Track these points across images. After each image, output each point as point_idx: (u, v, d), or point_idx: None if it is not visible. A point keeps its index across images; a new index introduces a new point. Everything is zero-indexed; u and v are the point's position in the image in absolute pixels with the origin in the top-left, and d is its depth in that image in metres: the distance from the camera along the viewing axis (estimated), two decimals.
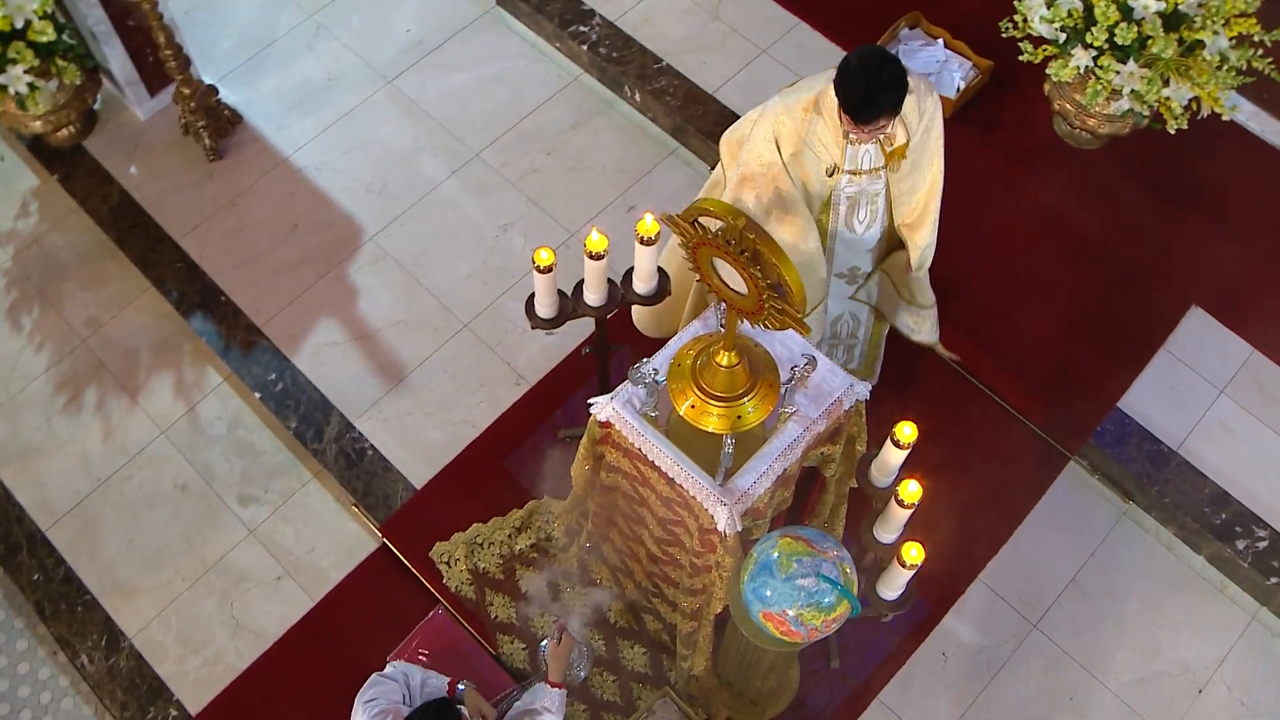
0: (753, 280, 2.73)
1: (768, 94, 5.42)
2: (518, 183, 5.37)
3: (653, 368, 3.42)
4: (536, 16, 5.67)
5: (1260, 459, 4.80)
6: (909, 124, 3.69)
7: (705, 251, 2.83)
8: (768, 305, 2.77)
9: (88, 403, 4.91)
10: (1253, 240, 5.23)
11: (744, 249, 2.67)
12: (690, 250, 2.88)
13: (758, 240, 2.64)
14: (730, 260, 2.74)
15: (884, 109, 3.39)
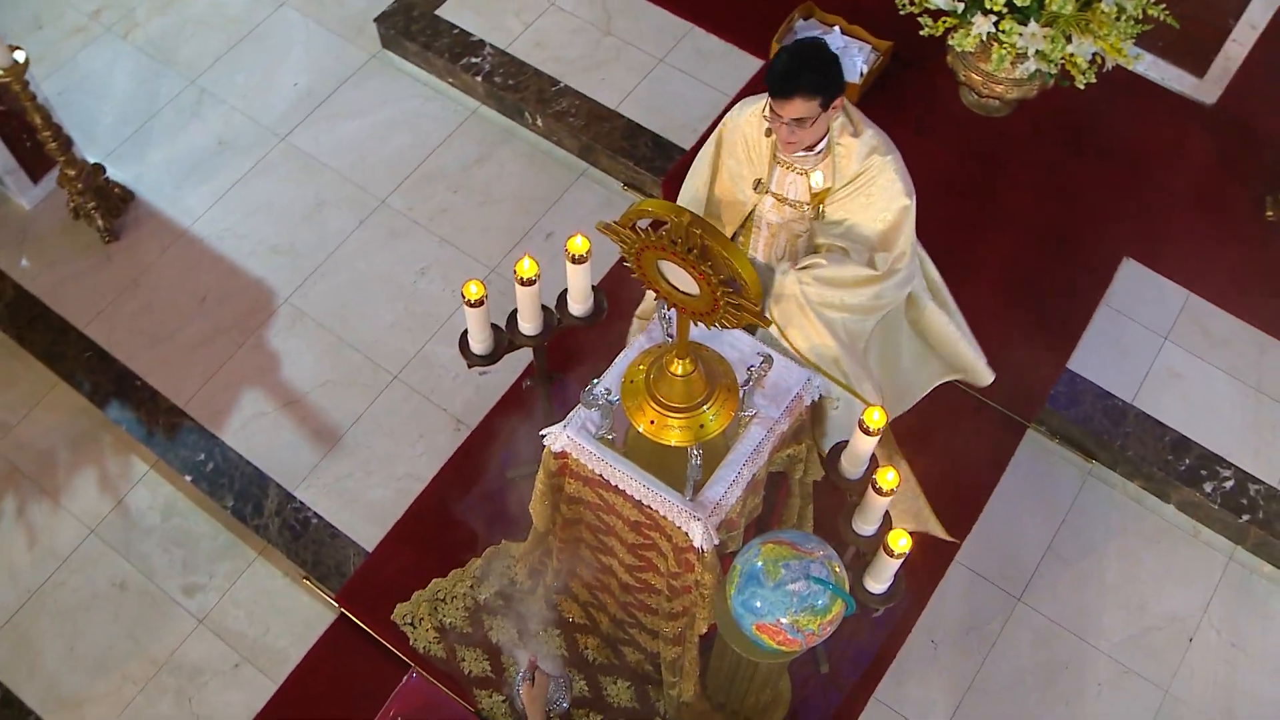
0: (704, 278, 2.59)
1: (671, 103, 5.42)
2: (429, 225, 5.20)
3: (604, 388, 3.28)
4: (425, 54, 5.52)
5: (1213, 400, 4.79)
6: (838, 168, 3.43)
7: (650, 256, 2.68)
8: (723, 302, 2.63)
9: (6, 511, 4.63)
10: (1171, 185, 5.24)
11: (691, 246, 2.54)
12: (633, 257, 2.73)
13: (705, 235, 2.50)
14: (678, 260, 2.60)
15: (800, 85, 3.17)
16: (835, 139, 3.40)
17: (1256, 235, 5.14)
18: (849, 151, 3.40)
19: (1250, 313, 4.96)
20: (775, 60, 3.21)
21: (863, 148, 3.39)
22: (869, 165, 3.40)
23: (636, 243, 2.66)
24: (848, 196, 3.44)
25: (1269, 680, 4.37)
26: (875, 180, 3.41)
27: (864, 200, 3.44)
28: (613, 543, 3.73)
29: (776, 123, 3.30)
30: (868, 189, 3.42)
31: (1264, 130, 5.39)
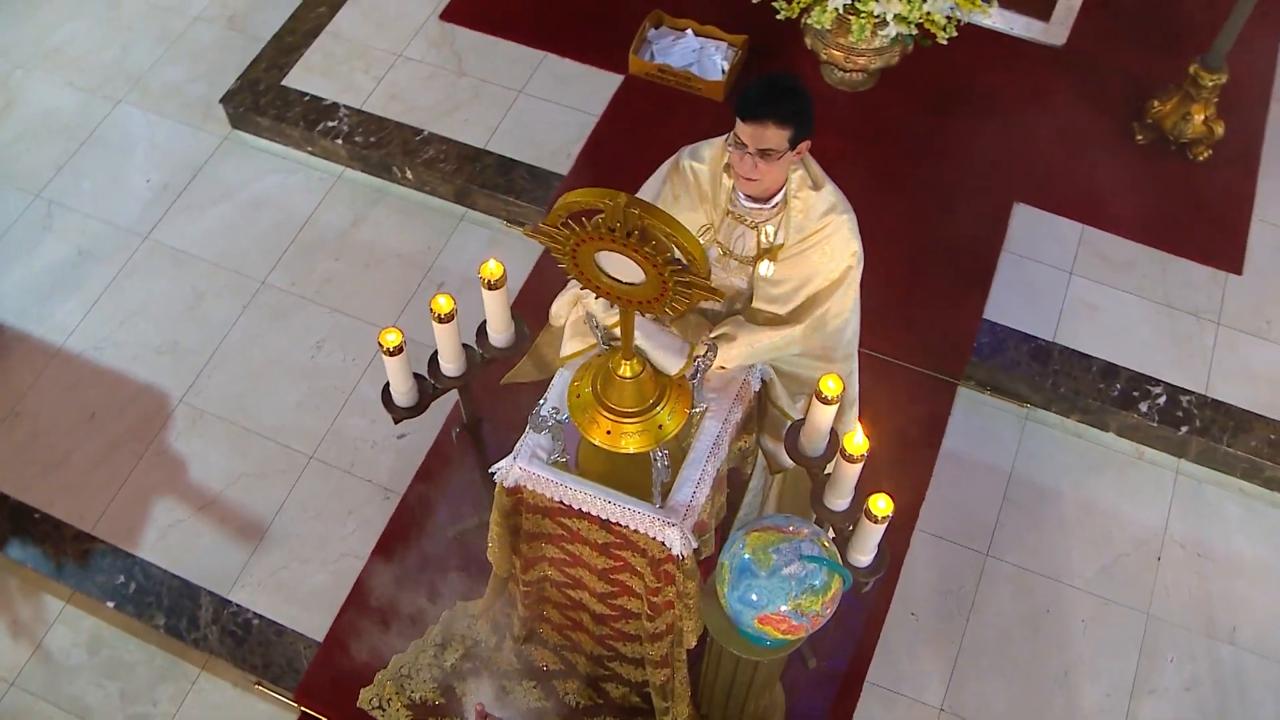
0: (648, 261, 2.45)
1: (539, 132, 5.32)
2: (316, 297, 4.99)
3: (551, 407, 3.13)
4: (278, 126, 5.32)
5: (1128, 322, 4.84)
6: (794, 223, 3.19)
7: (587, 250, 2.54)
8: (671, 283, 2.49)
9: None
10: (1043, 127, 5.33)
11: (631, 229, 2.40)
12: (568, 256, 2.59)
13: (644, 214, 2.37)
14: (619, 248, 2.46)
15: (775, 110, 2.94)
16: (793, 193, 3.17)
17: (1133, 160, 5.24)
18: (807, 206, 3.18)
19: (1143, 233, 5.04)
20: (749, 86, 2.98)
21: (822, 203, 3.18)
22: (826, 223, 3.19)
23: (571, 239, 2.51)
24: (800, 254, 3.21)
25: (1240, 582, 4.39)
26: (830, 239, 3.20)
27: (815, 258, 3.22)
28: (580, 573, 3.55)
29: (741, 154, 3.03)
30: (821, 247, 3.21)
31: (1114, 61, 5.53)
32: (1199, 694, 4.17)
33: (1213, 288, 4.93)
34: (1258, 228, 5.08)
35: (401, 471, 4.57)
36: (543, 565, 3.63)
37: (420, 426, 4.67)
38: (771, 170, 3.06)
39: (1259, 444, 4.53)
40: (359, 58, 5.53)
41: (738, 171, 3.09)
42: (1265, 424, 4.57)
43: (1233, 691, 4.18)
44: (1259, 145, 5.30)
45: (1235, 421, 4.58)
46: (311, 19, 5.63)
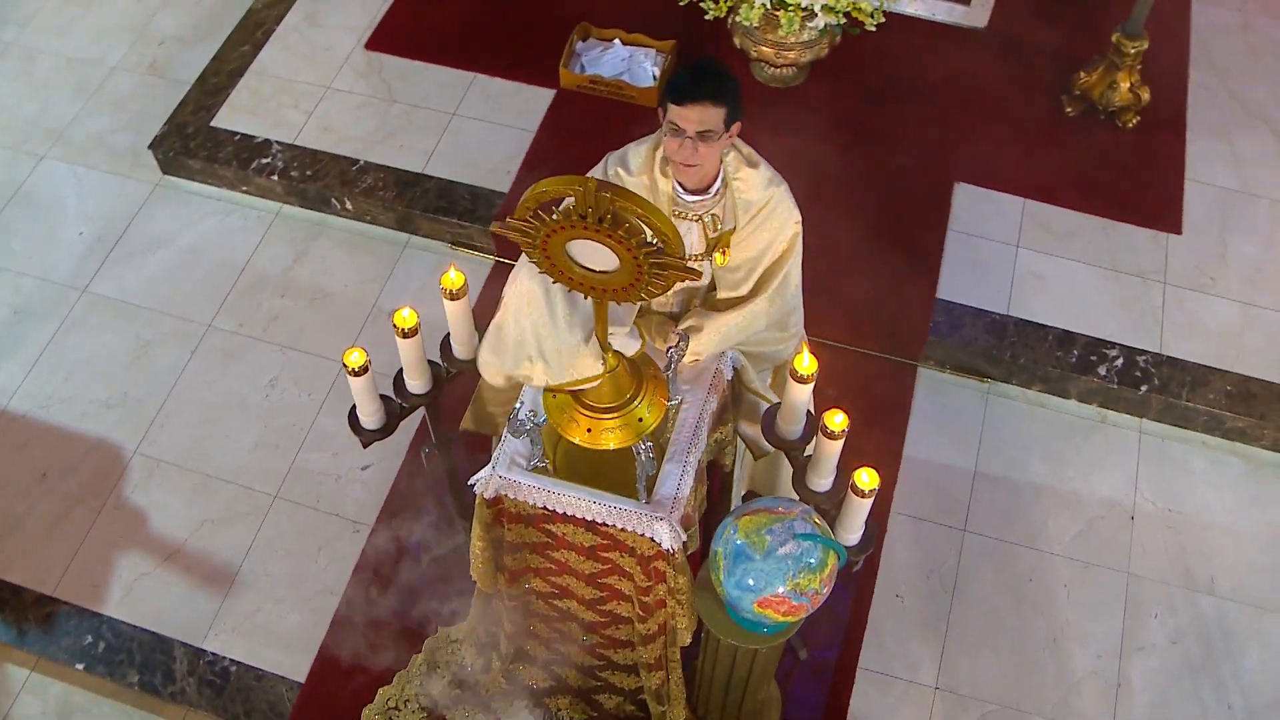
0: (622, 246, 2.42)
1: (476, 152, 5.28)
2: (264, 336, 4.89)
3: (529, 411, 3.08)
4: (211, 168, 5.23)
5: (1077, 288, 4.90)
6: (739, 204, 3.20)
7: (557, 242, 2.50)
8: (646, 266, 2.46)
9: None
10: (975, 108, 5.40)
11: (603, 215, 2.37)
12: (539, 248, 2.54)
13: (615, 198, 2.34)
14: (592, 235, 2.42)
15: (708, 89, 2.93)
16: (732, 174, 3.19)
17: (1064, 132, 5.32)
18: (750, 184, 3.19)
19: (1083, 202, 5.12)
20: (677, 74, 2.98)
21: (761, 179, 3.20)
22: (769, 196, 3.21)
23: (542, 231, 2.47)
24: (753, 233, 3.23)
25: (1212, 533, 4.44)
26: (775, 211, 3.23)
27: (765, 234, 3.24)
28: (567, 581, 3.50)
29: (679, 141, 3.00)
30: (769, 221, 3.23)
31: (1036, 39, 5.63)
32: (1185, 646, 4.20)
33: (1155, 249, 5.01)
34: (1191, 188, 5.18)
35: (369, 503, 4.48)
36: (528, 577, 3.57)
37: (383, 456, 4.61)
38: (710, 153, 3.06)
39: (1217, 396, 4.59)
40: (287, 93, 5.46)
41: (677, 160, 3.06)
42: (1221, 376, 4.64)
43: (1218, 640, 4.21)
44: (1184, 108, 5.41)
45: (1192, 376, 4.64)
46: (235, 58, 5.55)
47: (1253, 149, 5.33)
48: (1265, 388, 4.61)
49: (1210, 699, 4.09)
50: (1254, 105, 5.49)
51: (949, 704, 4.10)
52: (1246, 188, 5.20)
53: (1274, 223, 5.10)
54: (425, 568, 4.30)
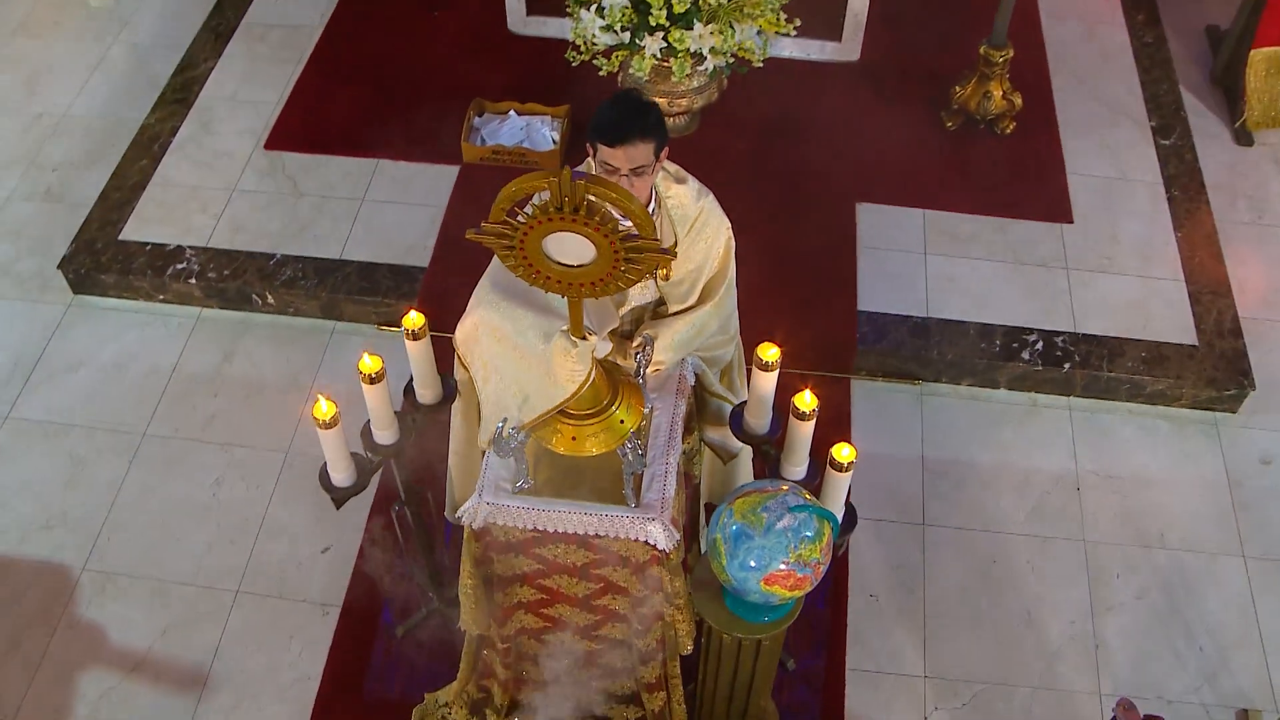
0: (599, 233, 2.50)
1: (391, 232, 5.36)
2: (202, 437, 4.82)
3: (511, 428, 3.11)
4: (125, 281, 5.18)
5: (988, 283, 5.14)
6: (675, 219, 3.34)
7: (535, 239, 2.57)
8: (622, 254, 2.55)
9: None
10: (860, 133, 5.66)
11: (578, 204, 2.46)
12: (517, 250, 2.61)
13: (588, 186, 2.44)
14: (569, 226, 2.51)
15: (638, 127, 3.04)
16: (664, 193, 3.32)
17: (949, 145, 5.62)
18: (681, 199, 3.33)
19: (978, 206, 5.39)
20: (602, 114, 3.07)
21: (691, 192, 3.35)
22: (701, 208, 3.36)
23: (520, 231, 2.55)
24: (690, 245, 3.36)
25: (1153, 491, 4.65)
26: (709, 222, 3.38)
27: (701, 244, 3.38)
28: (560, 611, 3.50)
29: (615, 179, 3.09)
30: (704, 231, 3.37)
31: (907, 64, 5.97)
32: (1150, 599, 4.35)
33: (1052, 239, 5.29)
34: (1074, 180, 5.51)
35: (334, 584, 4.41)
36: (519, 615, 3.56)
37: (342, 535, 4.57)
38: (645, 185, 3.19)
39: (1134, 364, 4.83)
40: (193, 199, 5.46)
41: None
42: (1134, 345, 4.89)
43: (1178, 589, 4.38)
44: (1053, 110, 5.78)
45: (1108, 349, 4.88)
46: (134, 173, 5.54)
47: (1121, 140, 5.71)
48: (1176, 349, 4.87)
49: (1182, 644, 4.24)
50: (1114, 102, 5.88)
51: (940, 689, 4.17)
52: (1123, 175, 5.55)
53: (1153, 202, 5.44)
54: (402, 637, 4.25)
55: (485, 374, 3.23)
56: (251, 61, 6.11)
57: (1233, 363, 4.82)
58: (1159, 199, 5.44)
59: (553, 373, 3.00)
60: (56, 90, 6.17)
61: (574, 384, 2.99)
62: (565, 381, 3.00)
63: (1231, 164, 5.69)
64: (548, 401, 3.04)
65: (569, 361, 2.96)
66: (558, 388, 3.02)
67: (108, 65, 6.27)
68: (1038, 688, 4.16)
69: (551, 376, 3.01)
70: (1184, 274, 5.13)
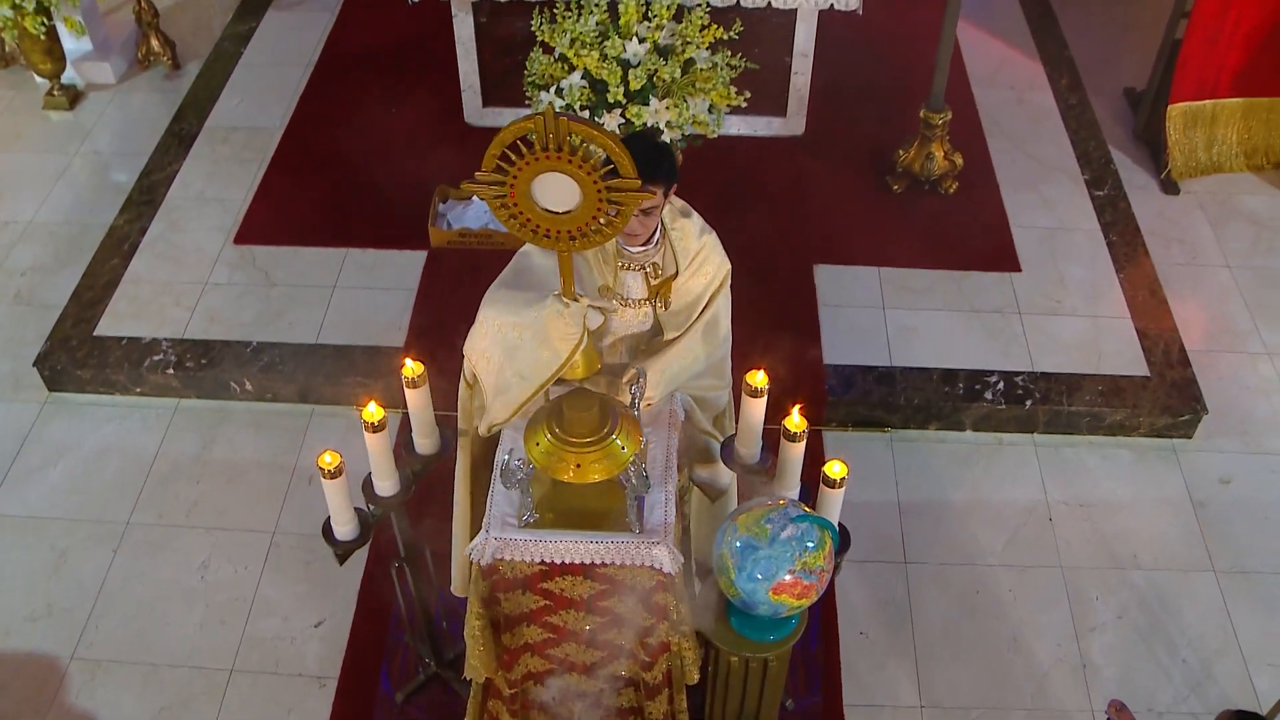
0: (582, 170, 2.75)
1: (364, 315, 5.48)
2: (188, 522, 4.83)
3: (517, 460, 3.20)
4: (102, 375, 5.22)
5: (946, 332, 5.36)
6: (678, 250, 3.49)
7: (524, 180, 2.81)
8: (604, 194, 2.80)
9: None
10: (811, 200, 5.92)
11: (561, 141, 2.71)
12: (509, 197, 2.86)
13: (572, 125, 2.68)
14: (556, 164, 2.76)
15: (652, 176, 3.14)
16: (670, 224, 3.48)
17: (897, 207, 5.89)
18: (686, 233, 3.49)
19: (930, 260, 5.63)
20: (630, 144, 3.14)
21: (695, 226, 3.52)
22: (703, 244, 3.53)
23: (512, 172, 2.78)
24: (691, 277, 3.53)
25: (1121, 516, 4.83)
26: (710, 258, 3.55)
27: (700, 278, 3.54)
28: (569, 649, 3.55)
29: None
30: (704, 266, 3.54)
31: (851, 133, 6.27)
32: (1131, 618, 4.48)
33: (1003, 287, 5.53)
34: (1018, 232, 5.78)
35: (329, 657, 4.41)
36: (526, 659, 3.60)
37: (335, 609, 4.58)
38: (652, 221, 3.39)
39: (1092, 397, 5.04)
40: (166, 294, 5.54)
41: (626, 233, 3.35)
42: (1090, 379, 5.10)
43: (1156, 606, 4.52)
44: (992, 170, 6.09)
45: (1066, 385, 5.09)
46: (105, 272, 5.62)
47: (1058, 193, 6.02)
48: (1130, 381, 5.09)
49: (1165, 658, 4.36)
50: (1048, 159, 6.21)
51: (937, 718, 4.24)
52: (1063, 225, 5.84)
53: (1094, 248, 5.73)
54: (403, 703, 4.24)
55: (487, 365, 3.38)
56: (216, 163, 6.26)
57: (1184, 390, 5.05)
58: (1099, 245, 5.72)
59: (547, 338, 3.19)
60: (21, 200, 6.26)
61: (568, 345, 3.18)
62: (559, 343, 3.19)
63: (1161, 212, 6.01)
64: (545, 370, 3.23)
65: (561, 323, 3.16)
66: (553, 354, 3.20)
67: (71, 175, 6.38)
68: (1032, 709, 4.25)
69: (547, 344, 3.20)
70: (1130, 312, 5.39)
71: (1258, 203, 6.09)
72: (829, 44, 6.12)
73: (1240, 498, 4.87)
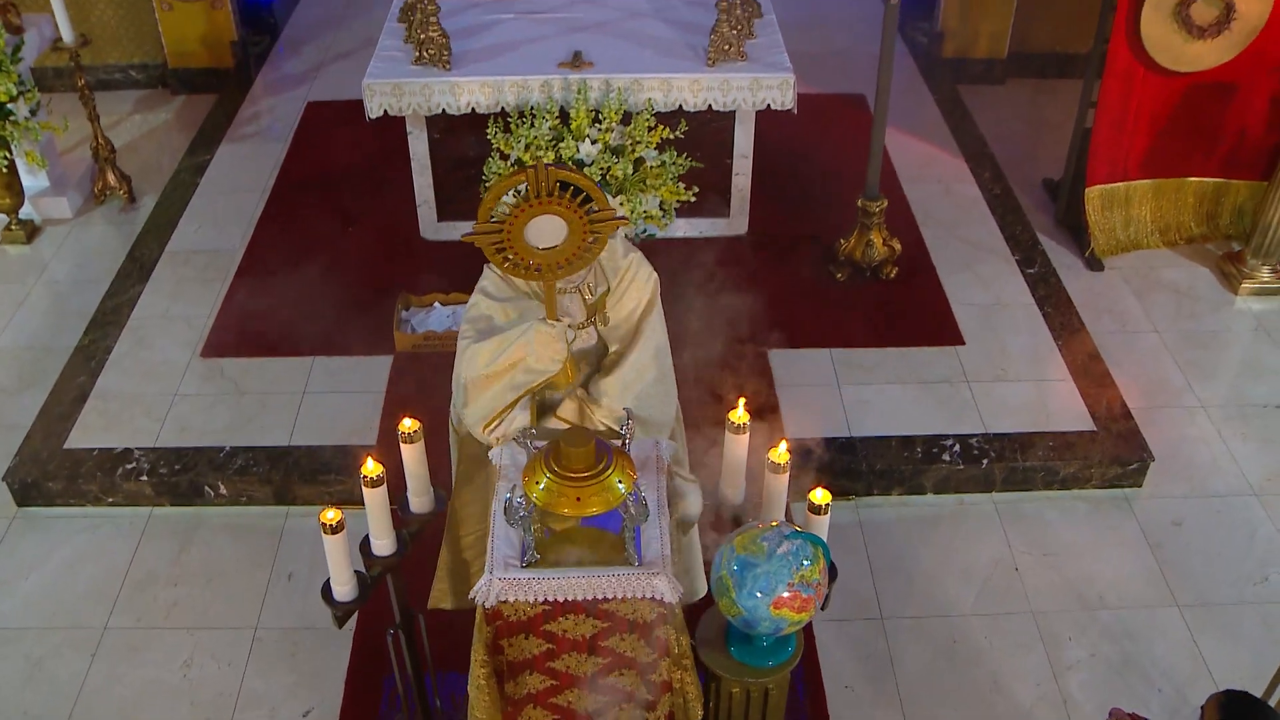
0: (568, 208, 3.22)
1: (334, 418, 5.59)
2: (167, 623, 4.80)
3: (519, 498, 3.31)
4: (73, 486, 5.23)
5: (899, 403, 5.59)
6: (608, 269, 3.81)
7: (519, 227, 3.25)
8: (588, 224, 3.26)
9: None
10: (758, 291, 6.16)
11: (551, 187, 3.19)
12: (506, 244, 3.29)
13: (554, 171, 3.16)
14: (547, 207, 3.21)
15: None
16: None
17: (841, 294, 6.18)
18: (612, 251, 3.80)
19: (878, 339, 5.91)
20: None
21: (621, 246, 3.84)
22: (630, 261, 3.85)
23: (508, 220, 3.22)
24: (624, 293, 3.84)
25: (1084, 561, 5.02)
26: (637, 272, 3.86)
27: (632, 292, 3.85)
28: (572, 696, 3.59)
29: None
30: (634, 281, 3.85)
31: (793, 229, 6.59)
32: (1104, 655, 4.63)
33: (950, 360, 5.80)
34: (958, 309, 6.09)
35: None
36: (529, 711, 3.63)
37: (323, 696, 4.56)
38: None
39: (1044, 452, 5.27)
40: (136, 405, 5.59)
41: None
42: (1041, 436, 5.35)
43: (1126, 642, 4.67)
44: (928, 254, 6.43)
45: (1019, 442, 5.32)
46: (73, 389, 5.66)
47: (992, 273, 6.37)
48: (1079, 435, 5.34)
49: (1141, 688, 4.50)
50: (979, 243, 6.59)
51: None
52: (999, 301, 6.17)
53: (1031, 320, 6.05)
54: None
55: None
56: (178, 284, 6.39)
57: (1130, 440, 5.30)
58: (1036, 317, 6.05)
59: (537, 355, 3.60)
60: None
61: (557, 362, 3.61)
62: (550, 362, 3.62)
63: (1089, 287, 6.37)
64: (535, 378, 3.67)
65: (551, 341, 3.58)
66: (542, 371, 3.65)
67: (30, 303, 6.44)
68: None
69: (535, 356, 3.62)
70: (1071, 375, 5.68)
71: (1177, 274, 6.49)
72: (765, 147, 6.49)
73: (1193, 537, 5.09)
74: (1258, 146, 6.37)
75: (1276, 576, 4.93)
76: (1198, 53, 5.98)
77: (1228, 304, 6.33)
